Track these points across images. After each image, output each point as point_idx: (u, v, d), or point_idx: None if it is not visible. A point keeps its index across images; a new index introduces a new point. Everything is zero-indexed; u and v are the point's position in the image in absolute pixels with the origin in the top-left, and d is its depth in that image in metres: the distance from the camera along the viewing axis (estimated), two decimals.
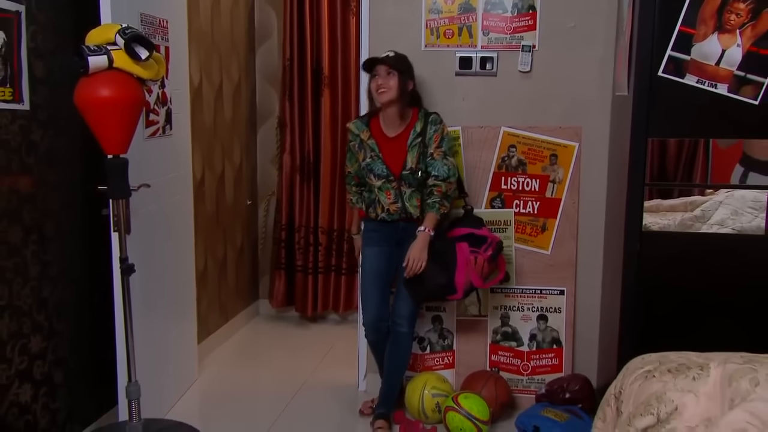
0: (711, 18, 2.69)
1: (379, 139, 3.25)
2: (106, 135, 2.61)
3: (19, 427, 2.79)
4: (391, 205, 3.26)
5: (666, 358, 2.20)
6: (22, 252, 2.77)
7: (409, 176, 3.20)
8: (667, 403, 1.88)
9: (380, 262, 3.33)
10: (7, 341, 2.70)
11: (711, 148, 3.12)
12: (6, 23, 2.61)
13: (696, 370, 1.96)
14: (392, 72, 3.14)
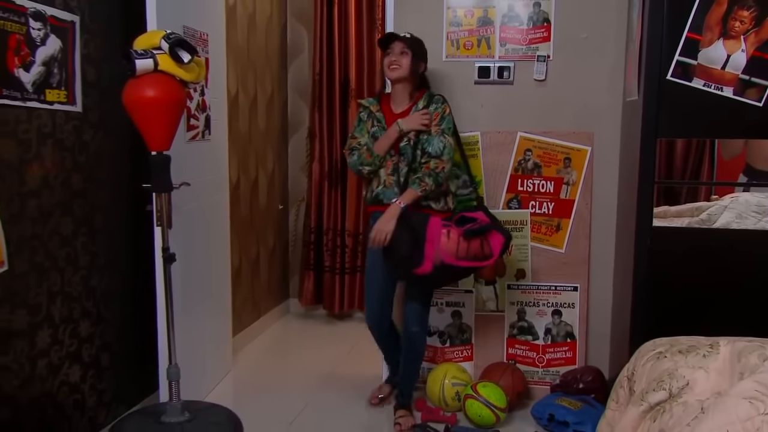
0: (716, 25, 2.67)
1: (386, 114, 3.18)
2: (151, 132, 2.61)
3: (69, 404, 2.81)
4: (388, 177, 3.12)
5: (676, 341, 2.18)
6: (73, 243, 2.79)
7: (406, 148, 3.08)
8: (679, 378, 1.86)
9: (377, 269, 3.18)
10: (59, 324, 2.73)
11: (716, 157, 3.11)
12: (62, 32, 2.65)
13: (706, 349, 1.95)
14: (406, 51, 3.08)
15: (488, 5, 3.46)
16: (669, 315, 2.89)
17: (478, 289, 3.57)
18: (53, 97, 2.62)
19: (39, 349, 2.62)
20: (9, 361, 2.47)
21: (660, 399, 1.84)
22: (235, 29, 4.12)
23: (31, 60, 2.50)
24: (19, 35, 2.43)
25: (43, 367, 2.65)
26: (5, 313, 2.45)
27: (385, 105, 3.20)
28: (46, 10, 2.55)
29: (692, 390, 1.79)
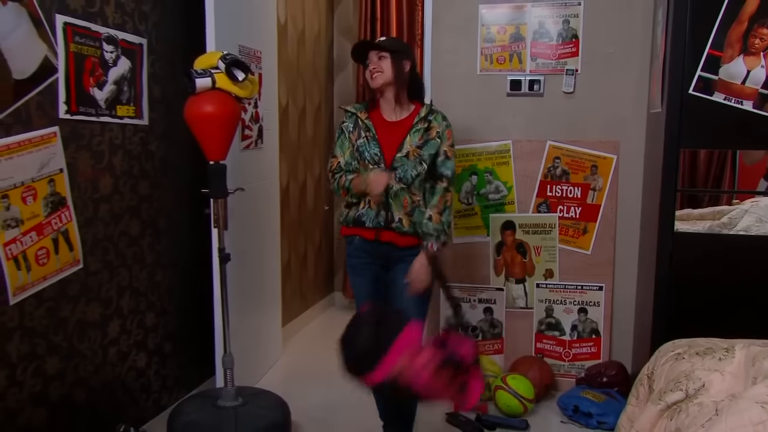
0: (737, 42, 2.62)
1: (377, 122, 2.60)
2: (209, 144, 2.65)
3: (136, 388, 2.89)
4: (376, 196, 2.50)
5: (695, 343, 2.16)
6: (140, 242, 2.87)
7: (403, 161, 2.50)
8: (695, 380, 1.84)
9: (369, 294, 2.65)
10: (128, 316, 2.81)
11: (738, 163, 3.04)
12: (131, 54, 2.73)
13: (722, 352, 1.92)
14: (384, 55, 2.56)
15: (520, 22, 3.44)
16: (689, 313, 2.84)
17: (509, 287, 3.56)
18: (123, 112, 2.70)
19: (110, 338, 2.71)
20: (84, 348, 2.56)
21: (677, 399, 1.82)
22: (286, 46, 4.17)
23: (104, 80, 2.58)
24: (94, 58, 2.51)
25: (114, 354, 2.73)
26: (81, 306, 2.53)
27: (375, 113, 2.64)
28: (117, 35, 2.63)
29: (708, 391, 1.77)
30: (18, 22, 2.16)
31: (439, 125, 2.59)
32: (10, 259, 2.17)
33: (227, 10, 3.06)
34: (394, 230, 2.55)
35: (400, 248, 2.57)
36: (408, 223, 2.55)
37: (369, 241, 2.59)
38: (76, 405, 2.53)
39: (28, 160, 2.23)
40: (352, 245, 2.65)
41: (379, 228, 2.56)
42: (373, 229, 2.56)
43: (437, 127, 2.58)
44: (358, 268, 2.68)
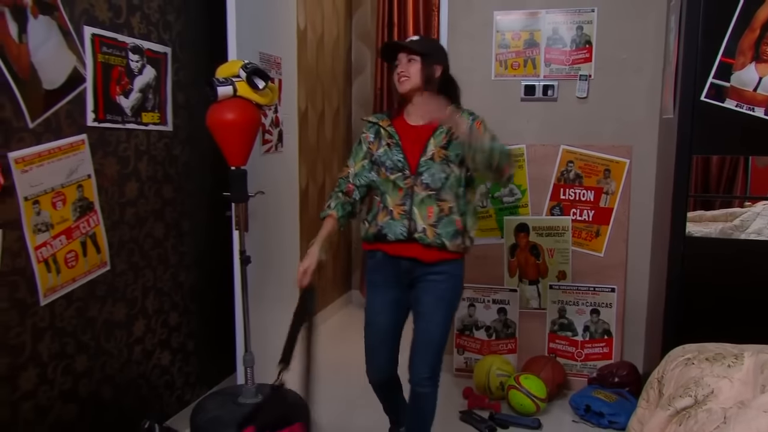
0: (749, 50, 2.59)
1: (400, 128, 2.40)
2: (231, 150, 2.67)
3: (160, 384, 2.92)
4: (396, 207, 2.33)
5: (704, 348, 2.14)
6: (164, 244, 2.89)
7: (429, 164, 2.30)
8: (704, 386, 1.83)
9: (381, 313, 2.48)
10: (152, 316, 2.84)
11: (750, 165, 3.01)
12: (156, 62, 2.75)
13: (731, 359, 1.91)
14: (414, 58, 2.33)
15: (534, 29, 3.43)
16: (699, 315, 2.82)
17: (522, 289, 3.56)
18: (148, 119, 2.72)
19: (135, 337, 2.74)
20: (111, 347, 2.59)
21: (686, 405, 1.81)
22: (305, 51, 4.18)
23: (130, 88, 2.60)
24: (120, 67, 2.54)
25: (139, 352, 2.76)
26: (108, 306, 2.56)
27: (399, 119, 2.44)
28: (143, 44, 2.65)
29: (717, 398, 1.76)
30: (48, 34, 2.19)
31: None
32: (41, 261, 2.20)
33: (248, 18, 3.08)
34: (417, 241, 2.33)
35: (424, 264, 2.36)
36: (433, 234, 2.31)
37: (391, 256, 2.39)
38: (103, 401, 2.56)
39: (58, 167, 2.26)
40: (375, 260, 2.45)
41: (400, 241, 2.34)
42: (396, 243, 2.36)
43: None
44: (378, 285, 2.47)
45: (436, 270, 2.37)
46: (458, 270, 2.43)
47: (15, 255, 2.11)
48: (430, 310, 2.39)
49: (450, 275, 2.39)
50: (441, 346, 2.43)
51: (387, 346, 2.52)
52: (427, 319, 2.39)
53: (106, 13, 2.45)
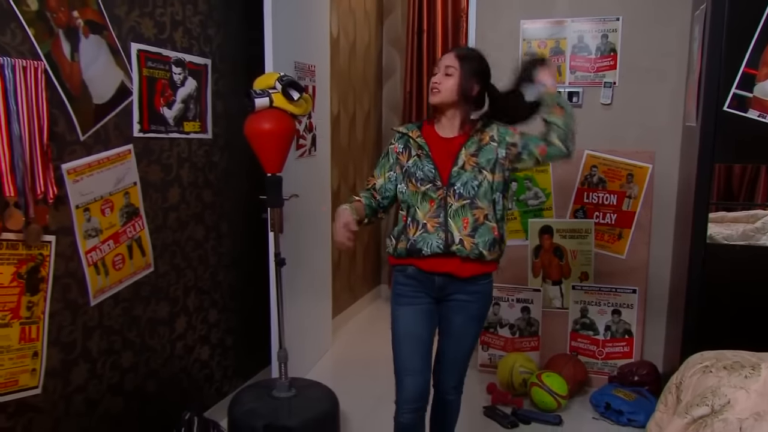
0: None
1: (430, 139, 2.20)
2: (267, 158, 2.70)
3: (200, 377, 2.99)
4: (430, 220, 2.12)
5: (722, 356, 2.12)
6: (204, 246, 2.95)
7: (460, 173, 2.12)
8: (721, 396, 1.83)
9: (417, 324, 2.21)
10: (193, 313, 2.90)
11: None
12: (197, 74, 2.80)
13: (748, 369, 1.89)
14: (453, 68, 2.14)
15: (560, 37, 3.40)
16: (718, 319, 2.78)
17: (546, 289, 3.56)
18: (190, 128, 2.78)
19: (177, 334, 2.81)
20: (155, 343, 2.67)
21: (703, 413, 1.81)
22: (338, 57, 4.21)
23: (173, 99, 2.66)
24: (164, 80, 2.59)
25: (181, 348, 2.84)
26: (152, 305, 2.63)
27: (429, 129, 2.24)
28: (185, 57, 2.71)
29: (733, 408, 1.75)
30: (98, 52, 2.25)
31: (491, 130, 2.19)
32: (91, 265, 2.28)
33: (283, 29, 3.12)
34: (456, 254, 2.13)
35: (458, 280, 2.17)
36: (470, 244, 2.12)
37: (425, 272, 2.18)
38: (147, 394, 2.63)
39: (106, 176, 2.33)
40: (405, 274, 2.22)
41: (437, 255, 2.14)
42: (431, 258, 2.14)
43: (490, 132, 2.18)
44: (406, 297, 2.22)
45: (469, 289, 2.20)
46: (490, 287, 2.28)
47: (67, 259, 2.19)
48: (461, 330, 2.26)
49: (482, 294, 2.25)
50: (469, 358, 2.36)
51: (421, 362, 2.23)
52: (457, 338, 2.27)
53: (151, 29, 2.51)
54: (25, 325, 2.04)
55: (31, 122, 1.94)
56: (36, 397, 2.11)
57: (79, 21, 2.16)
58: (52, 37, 2.06)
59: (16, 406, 2.05)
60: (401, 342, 2.22)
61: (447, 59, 2.17)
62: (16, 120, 1.89)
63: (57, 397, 2.20)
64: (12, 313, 2.00)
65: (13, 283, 1.99)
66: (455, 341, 2.28)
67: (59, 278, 2.16)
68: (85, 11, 2.18)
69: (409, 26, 4.76)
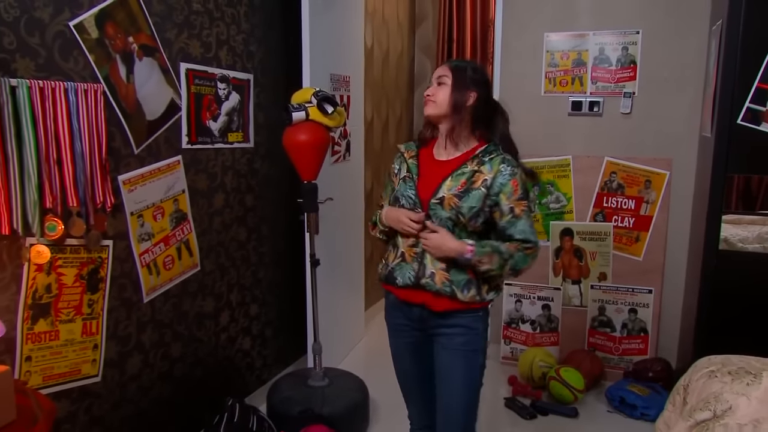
0: None
1: (423, 161, 1.95)
2: (303, 167, 2.77)
3: (242, 366, 3.08)
4: (409, 249, 1.87)
5: (729, 361, 2.12)
6: (246, 246, 3.03)
7: (436, 209, 1.82)
8: (723, 402, 1.84)
9: (402, 359, 2.06)
10: (236, 308, 2.99)
11: None
12: (240, 88, 2.87)
13: (751, 377, 1.90)
14: (446, 78, 1.89)
15: (582, 49, 3.39)
16: (729, 321, 2.76)
17: (565, 288, 3.56)
18: (233, 138, 2.86)
19: (221, 326, 2.90)
20: (201, 335, 2.77)
21: (705, 418, 1.82)
22: (372, 67, 4.24)
23: (218, 113, 2.74)
24: (209, 95, 2.68)
25: (225, 339, 2.93)
26: (199, 301, 2.73)
27: (427, 149, 1.99)
28: (229, 74, 2.79)
29: (734, 414, 1.76)
30: (151, 73, 2.34)
31: (489, 173, 1.82)
32: (144, 266, 2.39)
33: (320, 43, 3.17)
34: (424, 288, 1.86)
35: (435, 314, 1.88)
36: (442, 280, 1.83)
37: (401, 301, 1.95)
38: (194, 382, 2.73)
39: (158, 185, 2.43)
40: (388, 301, 2.04)
41: (408, 287, 1.88)
42: (404, 288, 1.90)
43: (486, 175, 1.82)
44: (393, 328, 2.05)
45: (450, 323, 1.88)
46: (476, 322, 1.90)
47: (123, 261, 2.30)
48: (447, 368, 1.92)
49: (467, 329, 1.88)
50: (467, 412, 1.93)
51: (420, 391, 2.07)
52: (446, 379, 1.93)
53: (198, 50, 2.59)
54: (87, 320, 2.16)
55: (91, 140, 2.04)
56: (96, 384, 2.23)
57: (134, 45, 2.25)
58: (110, 62, 2.15)
59: (79, 392, 2.17)
60: (397, 373, 2.10)
61: (440, 70, 1.94)
62: (78, 138, 2.00)
63: (114, 385, 2.31)
64: (75, 310, 2.12)
65: (76, 284, 2.10)
66: (444, 383, 1.93)
67: (116, 278, 2.27)
68: (139, 36, 2.27)
69: (439, 35, 4.77)
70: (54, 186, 1.94)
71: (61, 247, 2.03)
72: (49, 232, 1.96)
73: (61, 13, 1.98)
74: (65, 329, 2.09)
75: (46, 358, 2.04)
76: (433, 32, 4.94)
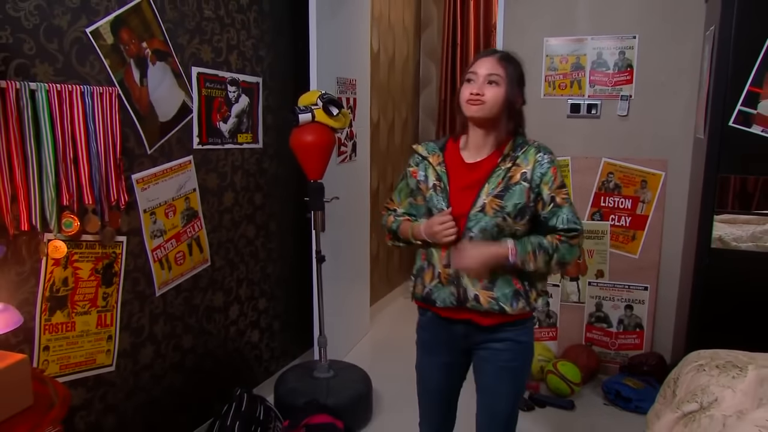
0: None
1: (452, 166, 1.74)
2: (309, 166, 2.80)
3: (251, 357, 3.12)
4: (443, 269, 1.71)
5: (717, 355, 2.14)
6: (254, 242, 3.07)
7: (479, 218, 1.65)
8: (710, 394, 1.85)
9: (432, 378, 1.89)
10: (245, 302, 3.03)
11: None
12: (249, 91, 2.91)
13: (737, 370, 1.91)
14: (499, 76, 1.64)
15: (580, 53, 3.39)
16: (720, 317, 2.77)
17: (564, 284, 3.57)
18: (243, 139, 2.90)
19: (231, 320, 2.94)
20: (212, 328, 2.81)
21: (692, 409, 1.84)
22: (378, 70, 4.27)
23: (228, 114, 2.78)
24: (220, 98, 2.72)
25: (234, 332, 2.97)
26: (209, 295, 2.77)
27: (453, 152, 1.77)
28: (239, 77, 2.82)
29: (720, 405, 1.78)
30: (163, 77, 2.38)
31: (526, 165, 1.67)
32: (156, 261, 2.43)
33: (327, 48, 3.20)
34: (471, 310, 1.72)
35: (482, 328, 1.74)
36: (487, 300, 1.68)
37: (443, 318, 1.79)
38: (204, 372, 2.77)
39: (170, 184, 2.47)
40: (425, 317, 1.86)
41: (451, 308, 1.74)
42: (446, 309, 1.76)
43: (524, 167, 1.67)
44: (429, 345, 1.87)
45: (498, 337, 1.74)
46: (524, 335, 1.76)
47: (136, 256, 2.34)
48: (492, 385, 1.79)
49: (515, 343, 1.74)
50: (509, 422, 1.83)
51: (440, 411, 1.94)
52: (489, 395, 1.81)
53: (209, 54, 2.63)
54: (101, 312, 2.21)
55: (106, 140, 2.08)
56: (110, 373, 2.27)
57: (148, 51, 2.29)
58: (125, 66, 2.20)
59: (94, 380, 2.22)
60: (420, 391, 1.95)
61: (487, 64, 1.66)
62: (94, 139, 2.04)
63: (128, 374, 2.36)
64: (91, 302, 2.16)
65: (91, 278, 2.15)
66: (488, 399, 1.81)
67: (130, 272, 2.31)
68: (152, 42, 2.31)
69: (444, 39, 4.79)
70: (71, 184, 1.99)
71: (78, 242, 2.08)
72: (65, 229, 2.00)
73: (79, 20, 2.02)
74: (81, 321, 2.13)
75: (63, 348, 2.09)
76: (438, 36, 4.96)
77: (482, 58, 1.70)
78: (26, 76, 1.87)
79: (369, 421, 2.99)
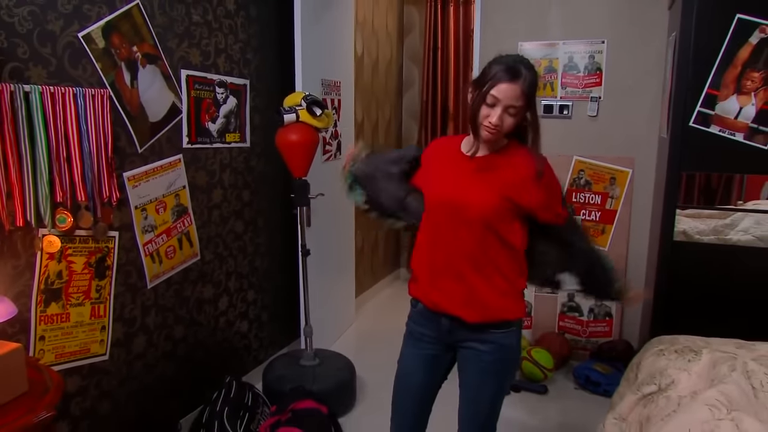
0: (732, 83, 2.56)
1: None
2: (294, 164, 2.81)
3: (240, 347, 3.13)
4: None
5: (676, 341, 2.19)
6: (243, 238, 3.08)
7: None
8: (667, 377, 1.90)
9: (416, 371, 1.81)
10: (234, 294, 3.04)
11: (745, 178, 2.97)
12: (237, 93, 2.92)
13: (692, 354, 1.96)
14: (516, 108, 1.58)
15: (553, 57, 3.44)
16: (683, 305, 2.82)
17: None
18: (231, 138, 2.91)
19: (220, 311, 2.95)
20: (201, 319, 2.82)
21: (651, 391, 1.89)
22: (362, 73, 4.29)
23: (216, 115, 2.80)
24: (208, 99, 2.73)
25: (223, 322, 2.98)
26: (199, 287, 2.79)
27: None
28: (227, 79, 2.84)
29: (676, 387, 1.83)
30: (153, 79, 2.40)
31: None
32: (147, 255, 2.44)
33: (312, 51, 3.21)
34: None
35: (468, 326, 1.69)
36: None
37: (432, 311, 1.75)
38: (195, 361, 2.79)
39: (160, 181, 2.49)
40: (416, 309, 1.82)
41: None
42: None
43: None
44: (414, 338, 1.82)
45: (482, 338, 1.70)
46: (509, 339, 1.72)
47: (128, 250, 2.35)
48: (474, 384, 1.76)
49: (498, 345, 1.70)
50: (489, 419, 1.79)
51: (415, 408, 1.84)
52: (471, 394, 1.78)
53: (198, 58, 2.64)
54: (95, 304, 2.22)
55: (98, 140, 2.09)
56: (104, 362, 2.29)
57: (138, 54, 2.30)
58: (116, 69, 2.21)
59: (89, 369, 2.23)
60: (396, 388, 1.86)
61: (511, 93, 1.56)
62: (86, 139, 2.05)
63: (121, 363, 2.37)
64: (84, 294, 2.17)
65: (84, 271, 2.16)
66: (470, 398, 1.78)
67: (122, 266, 2.32)
68: (142, 46, 2.33)
69: (426, 44, 4.82)
70: (64, 182, 2.00)
71: (71, 237, 2.09)
72: (59, 224, 2.02)
73: (71, 25, 2.03)
74: (75, 312, 2.15)
75: (58, 338, 2.10)
76: (420, 41, 4.99)
77: (508, 84, 1.56)
78: (20, 78, 1.88)
79: (353, 407, 3.02)
